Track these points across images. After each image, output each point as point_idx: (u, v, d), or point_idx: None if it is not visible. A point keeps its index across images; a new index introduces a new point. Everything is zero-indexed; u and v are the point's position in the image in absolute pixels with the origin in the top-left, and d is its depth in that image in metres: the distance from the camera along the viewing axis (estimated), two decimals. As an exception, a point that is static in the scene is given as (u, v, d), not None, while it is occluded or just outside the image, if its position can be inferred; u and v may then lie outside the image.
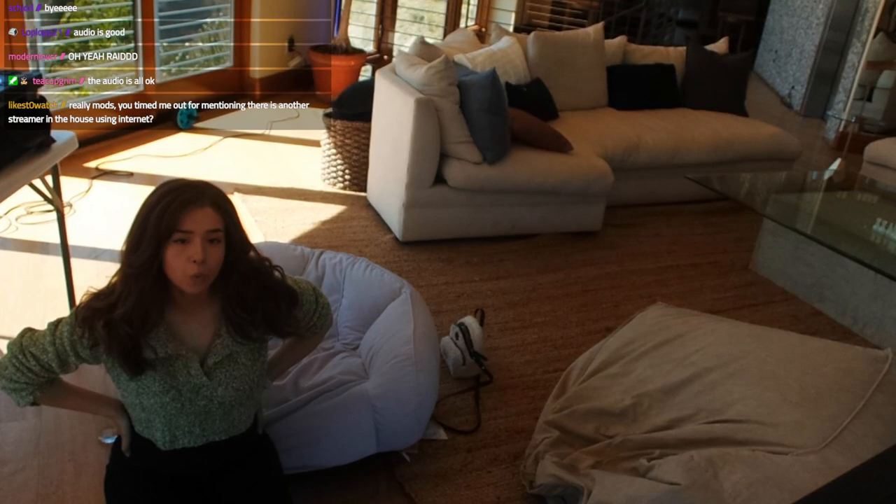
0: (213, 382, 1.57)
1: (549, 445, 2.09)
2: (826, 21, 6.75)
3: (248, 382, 1.61)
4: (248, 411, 1.67)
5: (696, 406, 2.10)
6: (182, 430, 1.59)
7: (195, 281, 1.46)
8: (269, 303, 1.58)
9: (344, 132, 3.94)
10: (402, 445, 2.12)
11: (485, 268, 3.39)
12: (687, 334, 2.35)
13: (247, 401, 1.64)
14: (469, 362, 2.55)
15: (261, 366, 1.65)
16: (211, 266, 1.47)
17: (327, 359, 2.31)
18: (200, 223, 1.45)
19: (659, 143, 4.12)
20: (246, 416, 1.67)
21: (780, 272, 3.56)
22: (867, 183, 4.27)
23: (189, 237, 1.44)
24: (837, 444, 1.85)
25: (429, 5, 6.70)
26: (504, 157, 3.45)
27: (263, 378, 1.70)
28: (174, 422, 1.57)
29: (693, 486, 1.73)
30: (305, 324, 1.72)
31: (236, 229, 1.52)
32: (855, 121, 5.59)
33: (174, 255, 1.44)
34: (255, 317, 1.56)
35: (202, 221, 1.45)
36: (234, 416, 1.63)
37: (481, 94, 3.36)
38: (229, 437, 1.65)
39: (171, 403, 1.54)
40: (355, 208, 3.85)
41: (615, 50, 4.65)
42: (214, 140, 4.56)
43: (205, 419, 1.59)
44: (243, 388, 1.60)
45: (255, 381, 1.63)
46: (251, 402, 1.67)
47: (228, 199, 1.53)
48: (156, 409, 1.55)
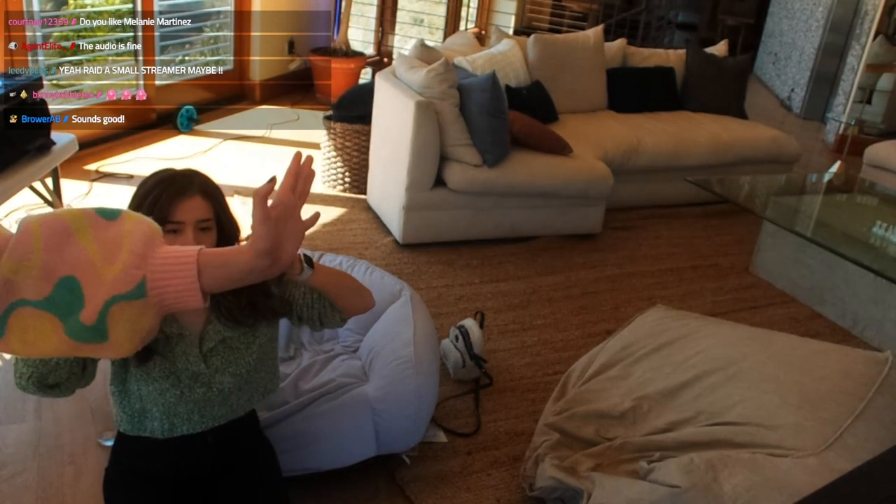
0: (210, 370, 1.57)
1: (548, 448, 2.09)
2: (825, 24, 6.76)
3: (245, 367, 1.62)
4: (246, 396, 1.67)
5: (696, 408, 2.10)
6: (181, 418, 1.59)
7: None
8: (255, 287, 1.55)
9: (344, 135, 3.94)
10: (401, 448, 2.11)
11: (485, 270, 3.39)
12: (687, 337, 2.35)
13: (245, 386, 1.64)
14: (469, 365, 2.55)
15: (258, 351, 1.64)
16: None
17: (327, 361, 2.31)
18: (191, 213, 1.47)
19: (659, 146, 4.13)
20: (245, 400, 1.67)
21: (780, 275, 3.56)
22: (867, 185, 4.27)
23: (180, 227, 1.47)
24: (837, 447, 1.85)
25: (429, 8, 6.71)
26: (504, 160, 3.46)
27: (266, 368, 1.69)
28: (173, 410, 1.58)
29: (693, 488, 1.73)
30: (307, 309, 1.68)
31: (226, 216, 1.55)
32: (854, 123, 5.60)
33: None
34: (241, 300, 1.56)
35: (192, 211, 1.47)
36: (233, 401, 1.64)
37: (481, 96, 3.37)
38: (228, 420, 1.65)
39: (170, 390, 1.55)
40: (355, 211, 3.85)
41: (615, 53, 4.66)
42: (215, 142, 4.56)
43: (203, 406, 1.60)
44: (240, 372, 1.61)
45: (253, 365, 1.63)
46: (249, 386, 1.66)
47: (217, 186, 1.55)
48: (154, 396, 1.56)
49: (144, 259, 0.90)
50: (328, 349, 2.41)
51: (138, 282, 0.89)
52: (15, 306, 0.87)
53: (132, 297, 0.89)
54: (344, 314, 1.69)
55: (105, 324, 0.88)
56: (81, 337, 0.89)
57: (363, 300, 1.71)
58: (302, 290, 1.66)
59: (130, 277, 0.89)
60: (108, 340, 0.89)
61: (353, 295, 1.68)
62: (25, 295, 0.87)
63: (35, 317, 0.88)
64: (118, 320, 0.89)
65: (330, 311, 1.66)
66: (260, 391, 1.70)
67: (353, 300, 1.69)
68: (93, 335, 0.89)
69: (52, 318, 0.88)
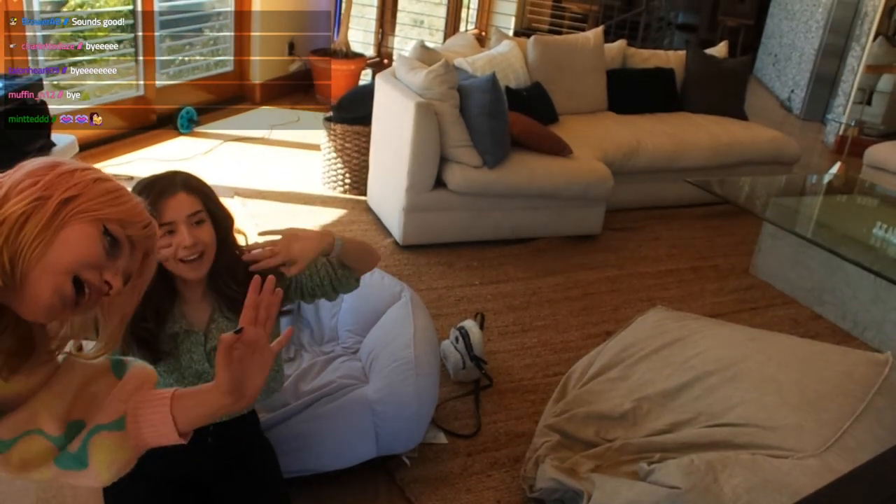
0: (214, 368, 1.57)
1: (549, 449, 2.09)
2: (825, 25, 6.76)
3: None
4: None
5: (695, 410, 2.10)
6: None
7: (192, 265, 1.50)
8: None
9: (344, 136, 3.94)
10: (402, 449, 2.11)
11: (485, 272, 3.39)
12: (687, 338, 2.35)
13: None
14: (469, 366, 2.55)
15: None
16: (206, 242, 1.51)
17: (327, 362, 2.31)
18: (178, 210, 1.48)
19: (659, 147, 4.13)
20: None
21: (780, 276, 3.56)
22: (867, 186, 4.28)
23: (173, 226, 1.48)
24: (837, 448, 1.85)
25: (429, 9, 6.71)
26: (504, 161, 3.46)
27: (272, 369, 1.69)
28: None
29: (693, 489, 1.73)
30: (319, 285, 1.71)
31: (216, 206, 1.56)
32: (854, 124, 5.59)
33: (164, 247, 1.48)
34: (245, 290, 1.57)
35: (179, 208, 1.49)
36: None
37: (481, 98, 3.37)
38: (230, 417, 1.65)
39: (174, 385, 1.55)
40: (355, 212, 3.85)
41: (615, 54, 4.66)
42: (215, 144, 4.56)
43: None
44: None
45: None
46: None
47: (200, 180, 1.57)
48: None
49: (131, 397, 1.01)
50: (328, 350, 2.41)
51: (120, 415, 0.99)
52: (29, 433, 0.96)
53: (112, 428, 0.99)
54: (358, 274, 1.76)
55: (86, 451, 0.98)
56: (66, 465, 0.99)
57: (374, 257, 1.80)
58: (307, 272, 1.68)
59: (114, 410, 0.99)
60: (87, 468, 0.99)
61: (368, 255, 1.77)
62: (42, 426, 0.96)
63: (41, 445, 0.97)
64: (98, 448, 0.98)
65: (345, 277, 1.72)
66: (263, 389, 1.70)
67: (370, 259, 1.78)
68: (75, 462, 0.98)
69: (55, 451, 0.98)
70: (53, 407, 0.97)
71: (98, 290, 0.91)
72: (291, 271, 1.56)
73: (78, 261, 0.88)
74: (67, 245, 0.87)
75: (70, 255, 0.87)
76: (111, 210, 0.91)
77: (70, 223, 0.88)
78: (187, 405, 1.01)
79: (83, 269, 0.89)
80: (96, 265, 0.90)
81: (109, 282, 0.91)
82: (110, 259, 0.91)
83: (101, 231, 0.90)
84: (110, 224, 0.91)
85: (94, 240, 0.89)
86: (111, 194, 0.92)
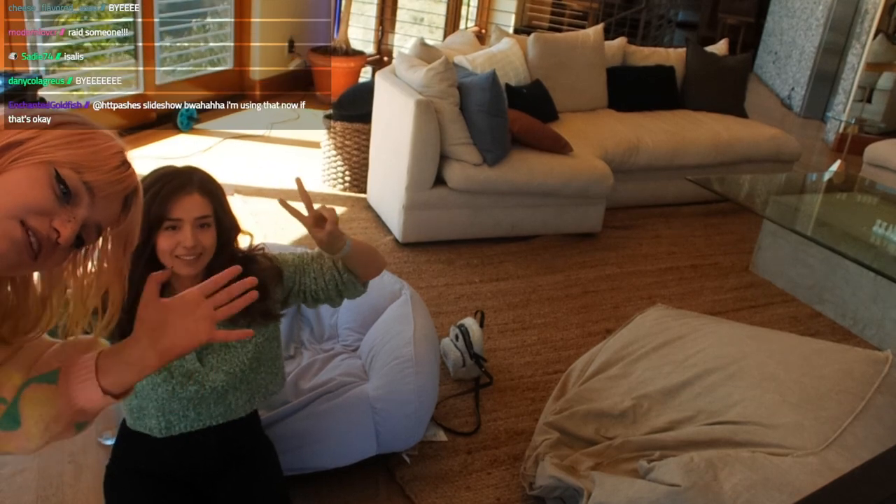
0: (205, 368, 1.57)
1: (548, 447, 2.09)
2: (826, 23, 6.76)
3: (240, 366, 1.61)
4: (245, 396, 1.66)
5: (695, 408, 2.10)
6: (176, 416, 1.59)
7: (189, 262, 1.48)
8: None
9: (344, 134, 3.94)
10: (402, 447, 2.12)
11: (485, 269, 3.39)
12: (687, 336, 2.35)
13: (241, 385, 1.63)
14: (469, 364, 2.55)
15: (254, 350, 1.63)
16: (206, 246, 1.50)
17: (327, 360, 2.31)
18: (189, 210, 1.47)
19: (659, 145, 4.13)
20: (243, 401, 1.66)
21: (780, 274, 3.56)
22: (867, 184, 4.27)
23: (179, 224, 1.47)
24: (837, 446, 1.85)
25: (429, 7, 6.70)
26: (504, 159, 3.46)
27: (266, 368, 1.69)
28: (167, 406, 1.57)
29: (693, 487, 1.73)
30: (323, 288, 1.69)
31: (225, 213, 1.55)
32: (854, 122, 5.59)
33: (165, 241, 1.47)
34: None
35: (190, 209, 1.48)
36: (230, 400, 1.63)
37: (481, 95, 3.36)
38: (227, 420, 1.65)
39: (162, 385, 1.55)
40: (355, 210, 3.85)
41: (615, 51, 4.66)
42: (215, 141, 4.56)
43: (198, 403, 1.59)
44: (234, 371, 1.60)
45: (248, 364, 1.62)
46: (246, 386, 1.65)
47: (217, 183, 1.55)
48: (147, 391, 1.56)
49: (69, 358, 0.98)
50: (328, 348, 2.41)
51: (52, 369, 0.96)
52: None
53: (42, 380, 0.95)
54: (365, 279, 1.72)
55: (18, 406, 0.94)
56: (3, 425, 0.95)
57: (381, 262, 1.76)
58: (312, 275, 1.66)
59: (48, 366, 0.96)
60: (21, 427, 0.95)
61: (375, 260, 1.73)
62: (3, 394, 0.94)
63: None
64: (28, 401, 0.94)
65: (351, 283, 1.68)
66: (261, 392, 1.70)
67: (376, 264, 1.74)
68: (9, 420, 0.94)
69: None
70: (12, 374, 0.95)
71: (45, 238, 0.85)
72: (327, 228, 1.52)
73: (18, 205, 0.83)
74: (6, 189, 0.84)
75: (10, 199, 0.83)
76: (64, 153, 0.86)
77: (12, 168, 0.84)
78: (110, 361, 0.96)
79: (27, 215, 0.84)
80: (42, 211, 0.85)
81: (58, 229, 0.85)
82: (63, 206, 0.86)
83: (52, 175, 0.85)
84: (62, 168, 0.86)
85: (38, 183, 0.84)
86: (68, 137, 0.88)
